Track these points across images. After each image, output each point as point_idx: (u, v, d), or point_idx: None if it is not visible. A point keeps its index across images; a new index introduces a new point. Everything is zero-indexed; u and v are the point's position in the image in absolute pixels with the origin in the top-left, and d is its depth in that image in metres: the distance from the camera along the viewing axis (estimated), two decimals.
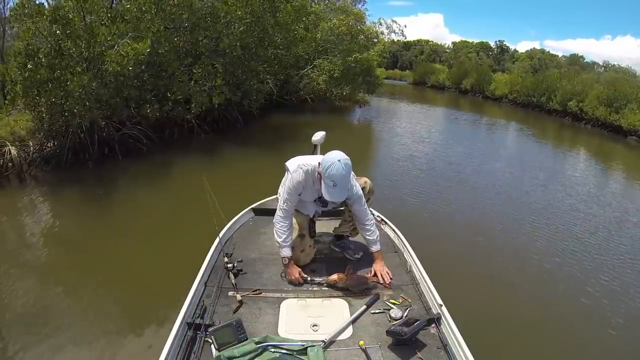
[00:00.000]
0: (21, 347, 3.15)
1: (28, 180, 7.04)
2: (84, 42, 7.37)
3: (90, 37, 7.41)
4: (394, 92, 33.72)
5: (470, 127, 19.01)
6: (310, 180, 2.61)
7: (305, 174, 2.59)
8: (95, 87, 7.29)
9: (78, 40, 7.31)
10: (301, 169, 2.59)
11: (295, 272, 2.59)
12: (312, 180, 2.61)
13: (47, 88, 7.16)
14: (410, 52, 70.48)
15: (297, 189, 2.60)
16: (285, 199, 2.63)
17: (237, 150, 9.89)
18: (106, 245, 4.90)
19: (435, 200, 7.44)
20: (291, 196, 2.62)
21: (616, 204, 8.58)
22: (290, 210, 2.67)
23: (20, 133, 7.45)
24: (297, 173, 2.59)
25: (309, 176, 2.60)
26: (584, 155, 14.88)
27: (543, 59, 59.21)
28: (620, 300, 4.52)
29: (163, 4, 9.04)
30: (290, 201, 2.64)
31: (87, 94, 7.22)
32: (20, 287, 4.04)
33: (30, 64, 7.00)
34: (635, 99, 19.56)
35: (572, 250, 5.76)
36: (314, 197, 2.74)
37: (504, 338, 3.57)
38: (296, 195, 2.64)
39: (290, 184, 2.59)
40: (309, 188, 2.65)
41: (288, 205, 2.64)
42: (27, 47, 7.02)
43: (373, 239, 2.71)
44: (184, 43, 9.88)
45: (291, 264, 2.63)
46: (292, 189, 2.60)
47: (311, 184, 2.63)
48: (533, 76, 31.91)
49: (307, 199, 2.74)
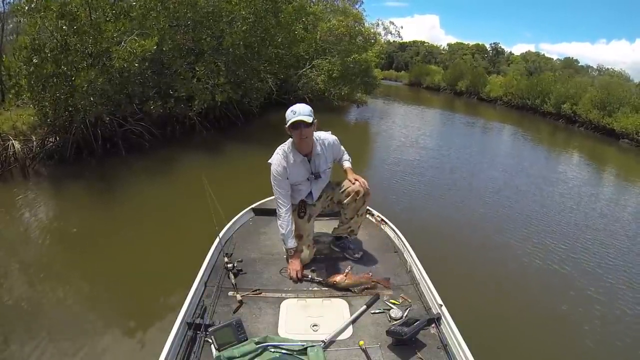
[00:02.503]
0: (20, 346, 3.09)
1: (31, 175, 6.96)
2: (90, 38, 7.31)
3: (97, 33, 7.35)
4: (390, 93, 33.54)
5: (466, 129, 18.98)
6: (289, 156, 2.63)
7: (281, 152, 2.65)
8: (101, 82, 7.23)
9: (84, 36, 7.24)
10: (277, 153, 2.65)
11: (297, 265, 2.59)
12: (290, 152, 2.63)
13: (52, 83, 7.09)
14: (405, 53, 70.43)
15: (280, 172, 2.60)
16: (277, 190, 2.64)
17: (237, 148, 9.84)
18: (106, 243, 4.82)
19: (435, 200, 7.41)
20: (280, 183, 2.62)
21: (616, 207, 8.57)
22: (287, 200, 2.66)
23: (21, 128, 7.37)
24: (274, 157, 2.64)
25: (285, 151, 2.64)
26: (578, 157, 14.87)
27: (538, 62, 59.33)
28: (621, 301, 4.48)
29: (167, 2, 8.98)
30: (282, 188, 2.63)
31: (93, 89, 7.15)
32: (19, 284, 3.98)
33: (36, 58, 6.92)
34: (628, 102, 19.58)
35: (573, 250, 5.72)
36: (303, 173, 2.69)
37: (504, 338, 3.53)
38: (285, 181, 2.63)
39: (273, 170, 2.62)
40: (293, 165, 2.63)
41: (282, 194, 2.64)
42: (32, 41, 6.94)
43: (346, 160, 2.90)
44: (186, 41, 9.83)
45: (296, 255, 2.62)
46: (276, 174, 2.61)
47: (291, 159, 2.62)
48: (528, 79, 31.86)
49: (298, 179, 2.69)
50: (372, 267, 2.76)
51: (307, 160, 2.67)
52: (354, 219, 2.84)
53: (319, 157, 2.70)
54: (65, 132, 7.65)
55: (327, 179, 2.83)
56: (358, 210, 2.81)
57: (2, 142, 6.85)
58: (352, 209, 2.80)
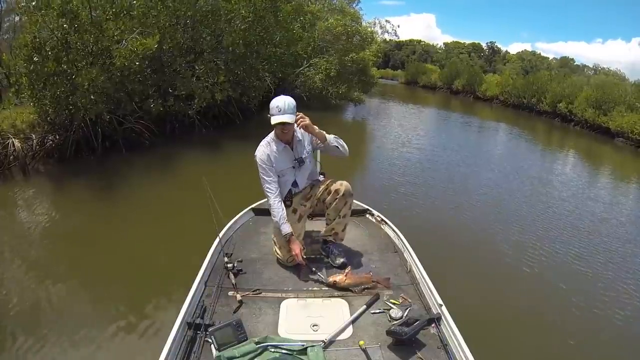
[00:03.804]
0: (19, 345, 3.07)
1: (31, 174, 6.92)
2: (92, 37, 7.27)
3: (98, 31, 7.32)
4: (386, 91, 33.39)
5: (464, 128, 18.95)
6: (272, 145, 2.69)
7: (265, 143, 2.70)
8: (102, 81, 7.20)
9: (85, 34, 7.20)
10: (261, 145, 2.71)
11: (297, 248, 2.59)
12: (272, 142, 2.69)
13: (53, 81, 7.05)
14: (402, 52, 70.14)
15: (265, 160, 2.65)
16: (264, 179, 2.68)
17: (236, 146, 9.76)
18: (106, 242, 4.79)
19: (435, 200, 7.39)
20: (266, 171, 2.66)
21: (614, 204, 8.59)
22: (274, 187, 2.68)
23: (20, 126, 7.32)
24: (259, 149, 2.69)
25: (268, 141, 2.70)
26: (575, 156, 14.89)
27: (534, 61, 59.26)
28: (623, 300, 4.48)
29: (167, 1, 8.93)
30: (268, 176, 2.67)
31: (94, 87, 7.12)
32: (19, 282, 3.96)
33: (37, 56, 6.88)
34: (624, 101, 19.58)
35: (573, 249, 5.71)
36: (287, 160, 2.72)
37: (504, 338, 3.51)
38: (271, 168, 2.67)
39: (259, 159, 2.66)
40: (277, 153, 2.68)
41: (269, 181, 2.67)
42: (33, 39, 6.89)
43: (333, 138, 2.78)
44: (186, 39, 9.78)
45: (292, 239, 2.62)
46: (261, 162, 2.66)
47: (274, 148, 2.68)
48: (524, 78, 31.76)
49: (284, 166, 2.72)
50: (372, 267, 2.74)
51: (289, 148, 2.72)
52: (336, 220, 2.80)
53: (300, 143, 2.75)
54: (65, 131, 7.61)
55: (310, 165, 2.85)
56: (339, 212, 2.78)
57: (2, 141, 6.80)
58: (333, 209, 2.79)
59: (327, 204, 2.81)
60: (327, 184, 2.85)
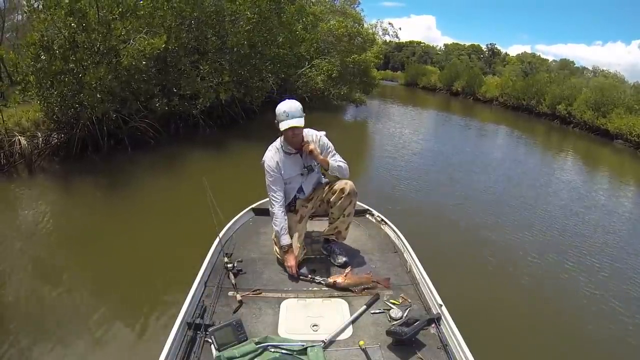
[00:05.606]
0: (19, 345, 3.04)
1: (37, 171, 6.91)
2: (100, 36, 7.26)
3: (106, 30, 7.31)
4: (386, 92, 33.27)
5: (464, 130, 18.88)
6: (280, 151, 2.65)
7: (273, 149, 2.67)
8: (109, 79, 7.19)
9: (93, 33, 7.19)
10: (269, 150, 2.68)
11: (292, 261, 2.56)
12: (281, 148, 2.65)
13: (60, 79, 7.04)
14: (402, 53, 69.87)
15: (274, 168, 2.62)
16: (270, 188, 2.65)
17: (239, 145, 9.77)
18: (108, 242, 4.76)
19: (435, 200, 7.36)
20: (274, 179, 2.63)
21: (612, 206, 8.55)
22: (280, 196, 2.66)
23: (26, 124, 7.31)
24: (267, 155, 2.67)
25: (276, 147, 2.66)
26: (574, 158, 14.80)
27: (534, 63, 58.98)
28: (623, 299, 4.43)
29: (172, 1, 8.91)
30: (275, 185, 2.64)
31: (101, 86, 7.11)
32: (21, 281, 3.94)
33: (44, 55, 6.87)
34: (622, 104, 19.49)
35: (573, 249, 5.68)
36: (296, 167, 2.69)
37: (504, 338, 3.48)
38: (279, 177, 2.64)
39: (267, 167, 2.64)
40: (286, 160, 2.65)
41: (275, 191, 2.64)
42: (41, 38, 6.88)
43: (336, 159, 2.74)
44: (190, 40, 9.77)
45: (290, 251, 2.59)
46: (270, 170, 2.63)
47: (283, 154, 2.65)
48: (523, 79, 31.61)
49: (292, 173, 2.69)
50: (372, 267, 2.72)
51: (299, 156, 2.68)
52: (340, 219, 2.77)
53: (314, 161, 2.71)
54: (70, 129, 7.60)
55: (318, 173, 2.83)
56: (344, 210, 2.75)
57: (8, 138, 6.79)
58: (338, 208, 2.75)
59: (331, 203, 2.77)
60: (330, 184, 2.82)
